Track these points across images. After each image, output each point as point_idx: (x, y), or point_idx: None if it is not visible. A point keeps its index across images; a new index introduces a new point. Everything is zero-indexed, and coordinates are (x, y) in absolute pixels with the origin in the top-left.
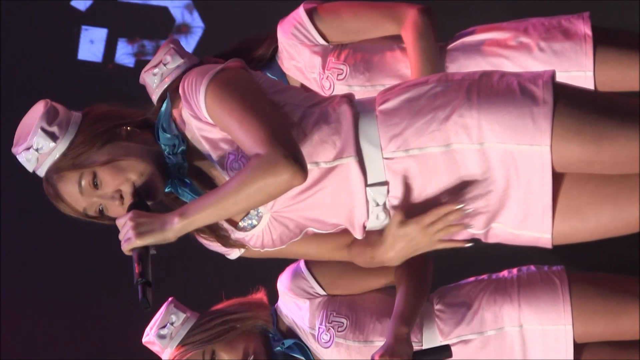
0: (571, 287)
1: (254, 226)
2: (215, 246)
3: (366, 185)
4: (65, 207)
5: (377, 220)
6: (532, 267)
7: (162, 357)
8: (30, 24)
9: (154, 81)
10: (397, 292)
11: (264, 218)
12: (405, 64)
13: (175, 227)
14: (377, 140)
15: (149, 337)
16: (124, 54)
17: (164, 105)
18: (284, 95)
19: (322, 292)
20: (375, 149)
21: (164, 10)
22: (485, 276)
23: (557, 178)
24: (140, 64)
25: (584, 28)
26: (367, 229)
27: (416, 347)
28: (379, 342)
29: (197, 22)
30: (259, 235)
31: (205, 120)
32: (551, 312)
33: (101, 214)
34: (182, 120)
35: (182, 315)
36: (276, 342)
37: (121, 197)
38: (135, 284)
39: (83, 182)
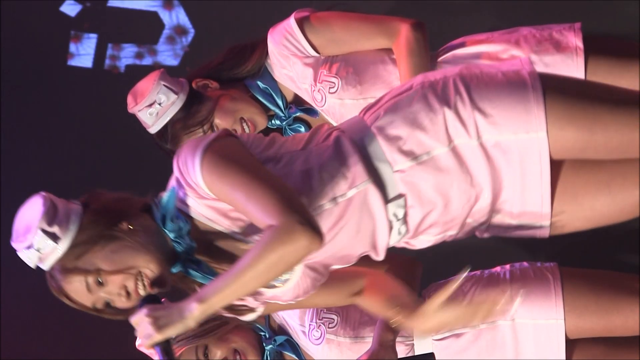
0: (563, 282)
1: (286, 280)
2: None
3: (386, 203)
4: (70, 302)
5: (399, 235)
6: (525, 263)
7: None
8: (20, 30)
9: (150, 119)
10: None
11: (297, 271)
12: (397, 76)
13: (195, 313)
14: (384, 157)
15: None
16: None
17: (169, 194)
18: (274, 147)
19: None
20: (384, 165)
21: (154, 15)
22: (477, 272)
23: (552, 165)
24: (130, 68)
25: (575, 40)
26: (389, 246)
27: (407, 342)
28: (370, 338)
29: (186, 26)
30: (292, 288)
31: (211, 197)
32: (543, 306)
33: (107, 307)
34: (183, 202)
35: None
36: (268, 339)
37: (127, 292)
38: None
39: (88, 282)
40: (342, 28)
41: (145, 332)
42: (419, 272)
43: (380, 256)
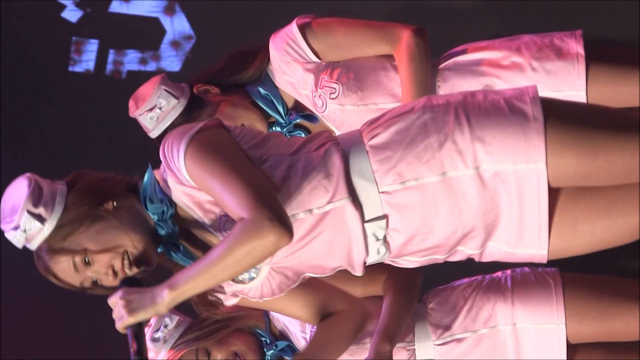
0: (565, 287)
1: (253, 279)
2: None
3: (364, 222)
4: (58, 282)
5: (377, 254)
6: (526, 268)
7: None
8: (21, 36)
9: (150, 123)
10: (384, 304)
11: (262, 271)
12: (398, 83)
13: (166, 300)
14: (372, 176)
15: None
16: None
17: (147, 175)
18: (265, 147)
19: None
20: (370, 184)
21: (155, 21)
22: (478, 277)
23: (551, 193)
24: (131, 74)
25: (577, 47)
26: (367, 264)
27: (408, 347)
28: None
29: (188, 32)
30: (258, 287)
31: (190, 184)
32: (544, 311)
33: (95, 285)
34: (166, 184)
35: (176, 318)
36: (269, 344)
37: (114, 271)
38: None
39: (75, 262)
40: (343, 34)
41: (118, 314)
42: (418, 280)
43: (357, 272)
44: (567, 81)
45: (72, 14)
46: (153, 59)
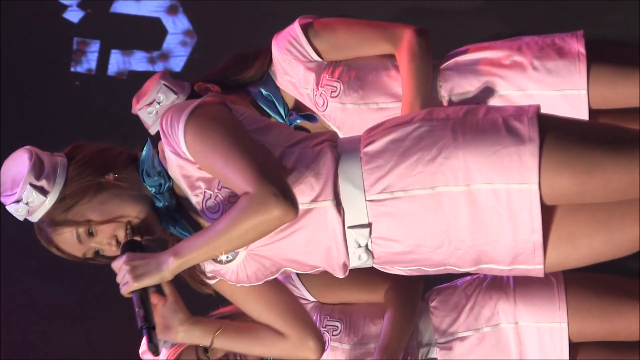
0: (567, 286)
1: (230, 261)
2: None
3: (345, 227)
4: (60, 253)
5: (359, 260)
6: None
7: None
8: (23, 36)
9: (150, 118)
10: (385, 318)
11: (239, 255)
12: (399, 83)
13: (171, 266)
14: (361, 183)
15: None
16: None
17: (146, 148)
18: (263, 134)
19: (312, 299)
20: (358, 191)
21: (156, 21)
22: (480, 275)
23: (549, 209)
24: (133, 75)
25: (578, 46)
26: (350, 269)
27: (411, 346)
28: (374, 344)
29: (190, 33)
30: (234, 270)
31: (185, 157)
32: (547, 309)
33: (97, 255)
34: (164, 156)
35: None
36: None
37: (117, 241)
38: (140, 329)
39: (79, 233)
40: (345, 33)
41: (123, 279)
42: (419, 289)
43: (338, 275)
44: (568, 80)
45: (73, 15)
46: (158, 59)
